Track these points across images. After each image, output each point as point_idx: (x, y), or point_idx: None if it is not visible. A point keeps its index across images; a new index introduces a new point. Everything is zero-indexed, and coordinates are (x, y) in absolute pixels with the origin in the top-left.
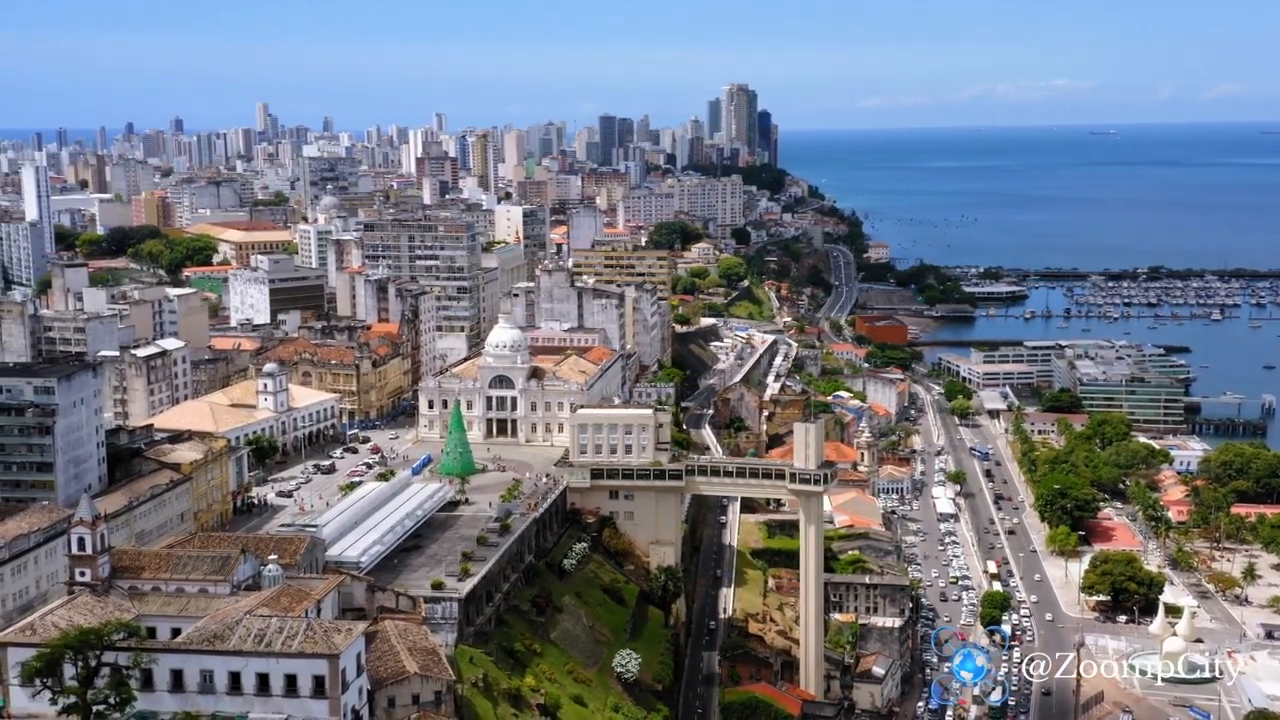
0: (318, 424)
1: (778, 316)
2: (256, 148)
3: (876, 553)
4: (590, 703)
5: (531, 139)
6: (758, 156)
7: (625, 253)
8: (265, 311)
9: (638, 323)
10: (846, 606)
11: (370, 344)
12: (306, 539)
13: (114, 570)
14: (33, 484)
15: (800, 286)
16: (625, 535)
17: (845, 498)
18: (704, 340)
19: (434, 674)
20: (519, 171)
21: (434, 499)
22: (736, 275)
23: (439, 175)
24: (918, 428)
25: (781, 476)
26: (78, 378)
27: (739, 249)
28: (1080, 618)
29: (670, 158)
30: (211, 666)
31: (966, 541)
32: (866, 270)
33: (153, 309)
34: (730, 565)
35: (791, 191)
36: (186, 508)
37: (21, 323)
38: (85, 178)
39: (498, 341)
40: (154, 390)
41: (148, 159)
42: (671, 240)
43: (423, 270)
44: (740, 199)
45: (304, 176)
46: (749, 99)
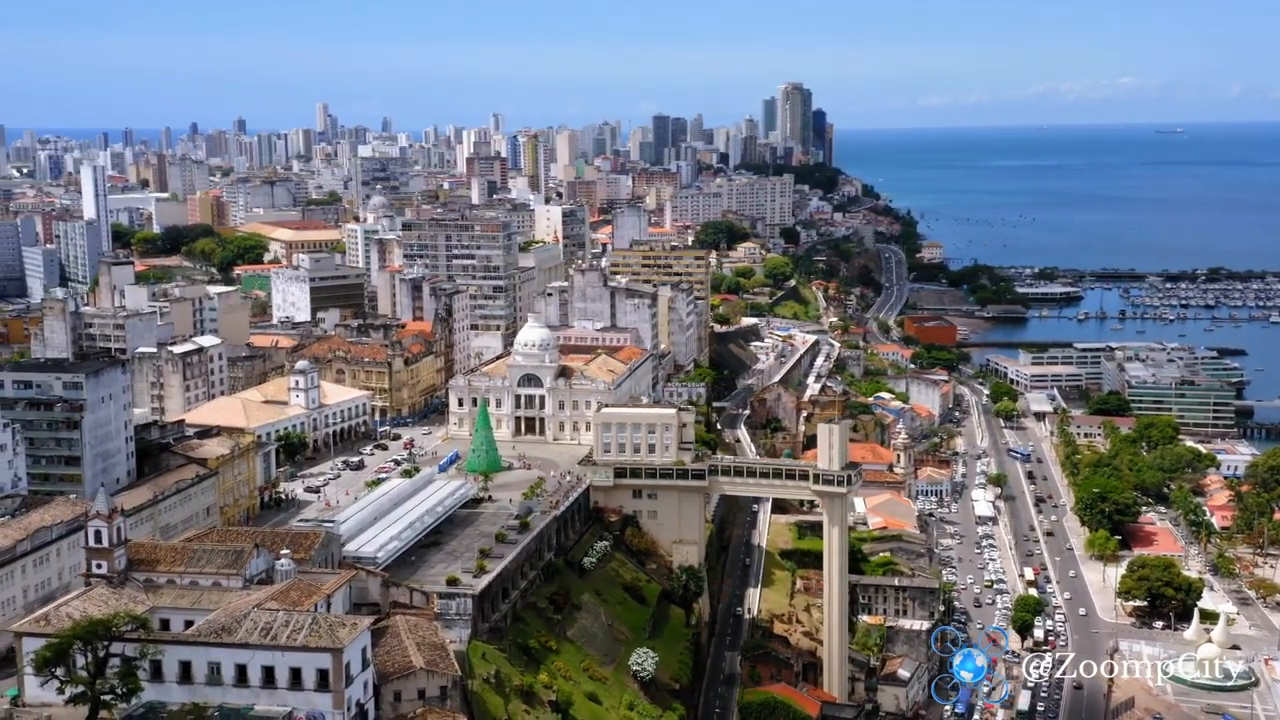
0: (349, 421)
1: (824, 316)
2: (315, 148)
3: (908, 555)
4: (605, 700)
5: (585, 139)
6: (811, 156)
7: (663, 252)
8: (306, 309)
9: (673, 322)
10: (875, 609)
11: (403, 342)
12: (321, 534)
13: (131, 563)
14: (61, 477)
15: (849, 286)
16: (648, 534)
17: (880, 499)
18: (744, 340)
19: (440, 669)
20: (569, 171)
21: (455, 496)
22: (782, 275)
23: (488, 175)
24: (960, 430)
25: (805, 477)
26: (106, 374)
27: (787, 248)
28: (1115, 623)
29: (723, 157)
30: (218, 659)
31: (1004, 545)
32: (918, 270)
33: (193, 307)
34: (758, 565)
35: (845, 191)
36: (212, 502)
37: (63, 320)
38: (146, 177)
39: (526, 341)
40: (190, 386)
41: (209, 159)
42: (717, 240)
43: (459, 269)
44: (790, 198)
45: (356, 176)
46: (804, 98)
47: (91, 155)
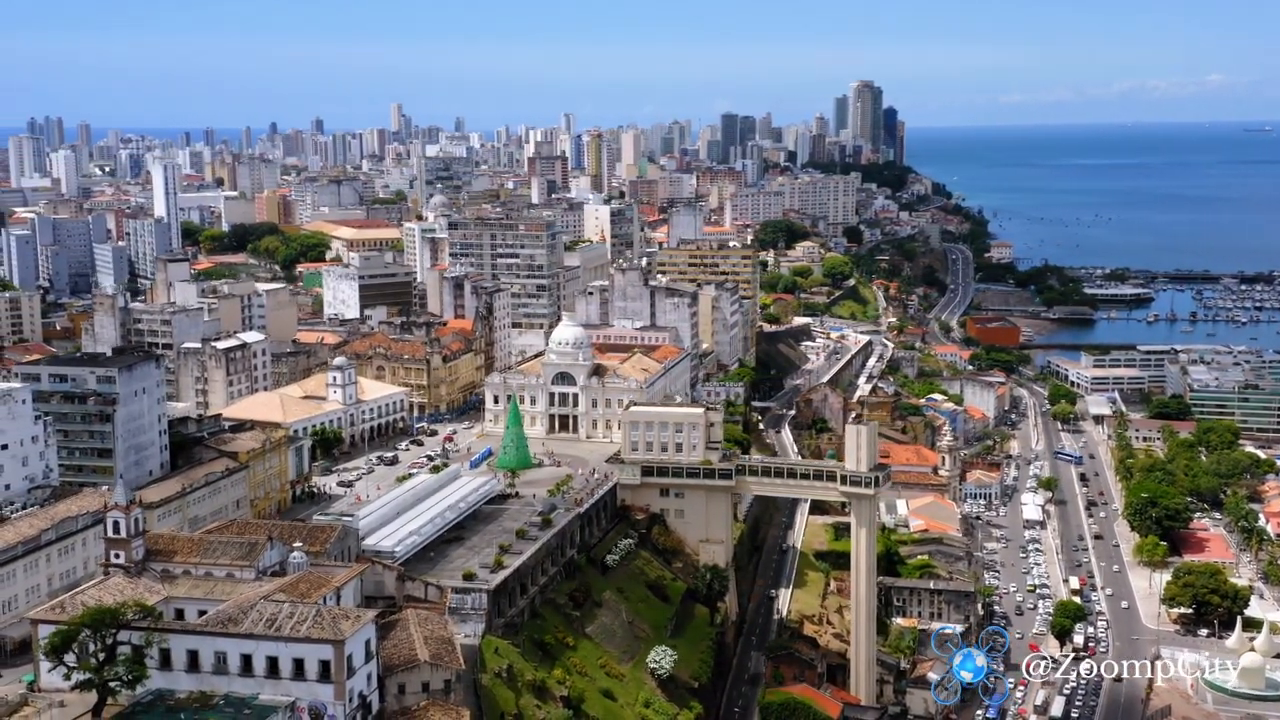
0: (386, 417)
1: (883, 317)
2: (388, 148)
3: (947, 558)
4: (621, 697)
5: (654, 138)
6: (882, 154)
7: (710, 251)
8: (355, 307)
9: (716, 321)
10: (910, 611)
11: (442, 339)
12: (338, 528)
13: (149, 553)
14: (94, 469)
15: (912, 286)
16: (675, 533)
17: (923, 502)
18: (794, 340)
19: (445, 662)
20: (632, 170)
21: (479, 492)
22: (841, 274)
23: (548, 175)
24: (1014, 432)
25: (833, 478)
26: (139, 368)
27: (849, 248)
28: (1158, 629)
29: (791, 155)
30: (225, 649)
31: (1050, 550)
32: (985, 270)
33: (242, 303)
34: (791, 566)
35: (914, 189)
36: (243, 495)
37: (112, 315)
38: (221, 176)
39: (560, 339)
40: (233, 381)
41: (286, 158)
42: (775, 239)
43: (504, 268)
44: (853, 197)
45: (420, 176)
46: (874, 96)
47: (171, 154)
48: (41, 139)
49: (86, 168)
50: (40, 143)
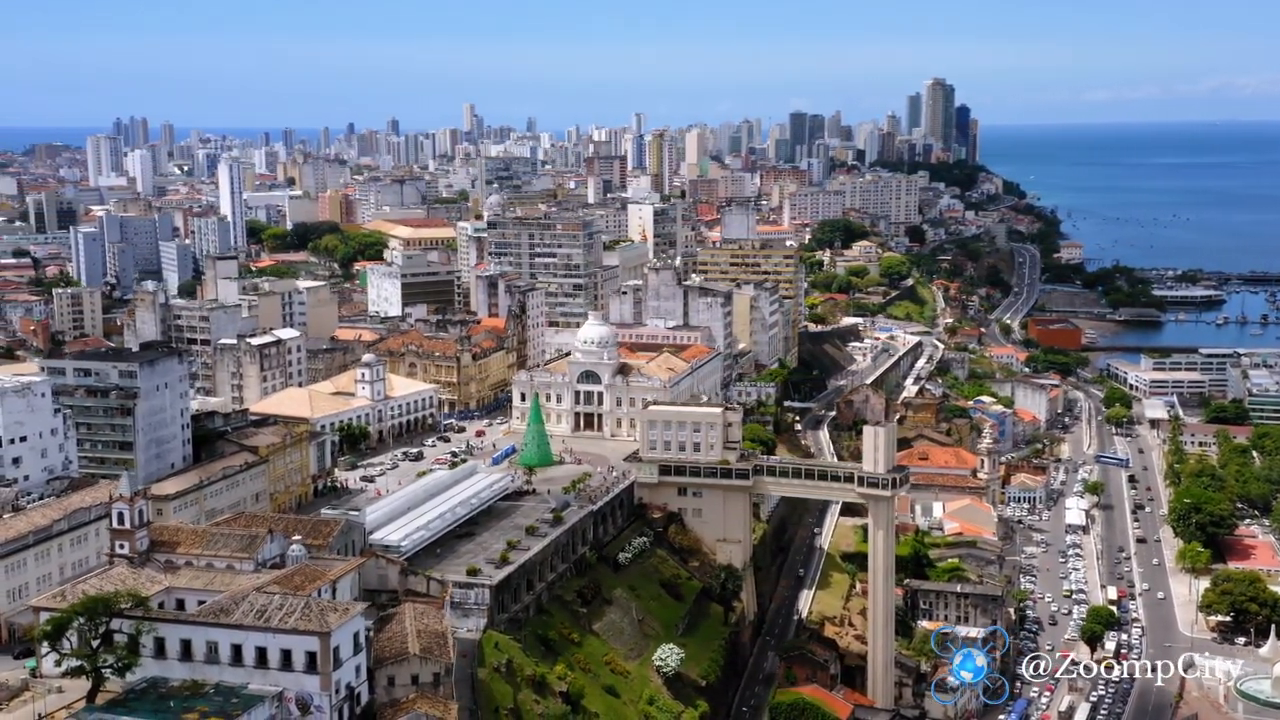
0: (414, 413)
1: (940, 317)
2: (457, 147)
3: (978, 562)
4: (624, 694)
5: (723, 137)
6: (953, 153)
7: (752, 251)
8: (397, 304)
9: (755, 321)
10: (936, 614)
11: (473, 337)
12: (341, 522)
13: (153, 544)
14: (116, 461)
15: (975, 287)
16: (692, 532)
17: (959, 505)
18: (841, 340)
19: (435, 656)
20: (693, 170)
21: (493, 489)
22: (899, 274)
23: (604, 175)
24: (1064, 436)
25: (850, 479)
26: (161, 363)
27: (911, 247)
28: (1192, 637)
29: (859, 154)
30: (216, 638)
31: (1091, 555)
32: (1052, 271)
33: (282, 300)
34: (816, 567)
35: (984, 188)
36: (262, 488)
37: (152, 311)
38: (293, 176)
39: (586, 338)
40: (267, 376)
41: (360, 158)
42: (832, 238)
43: (541, 267)
44: (916, 196)
45: (480, 176)
46: (946, 94)
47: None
48: (119, 139)
49: (165, 167)
50: (118, 143)
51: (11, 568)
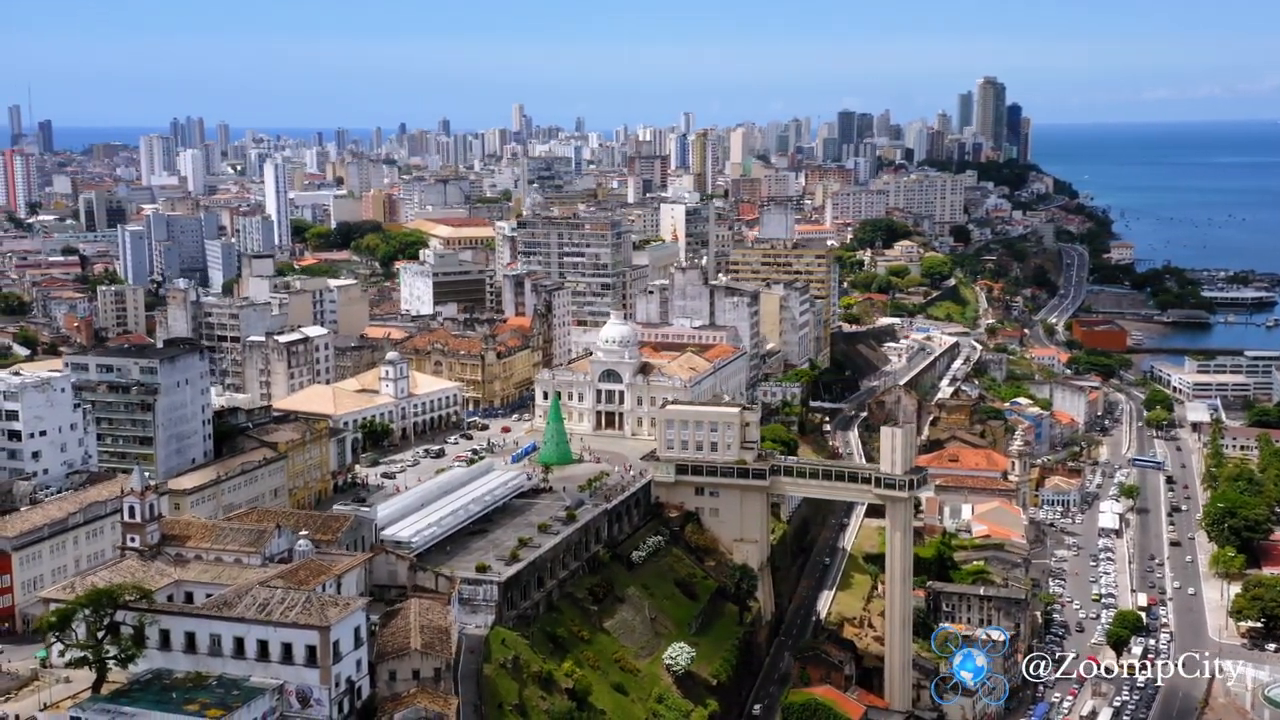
0: (438, 411)
1: (982, 318)
2: (505, 147)
3: (1004, 565)
4: (633, 692)
5: (770, 136)
6: (1004, 152)
7: (784, 250)
8: (429, 303)
9: (785, 321)
10: (959, 617)
11: (498, 336)
12: (351, 518)
13: (164, 538)
14: (136, 456)
15: (1020, 287)
16: (709, 531)
17: (988, 507)
18: (876, 341)
19: (436, 651)
20: (736, 169)
21: (507, 486)
22: (940, 274)
23: (645, 175)
24: (1101, 439)
25: (867, 480)
26: (182, 360)
27: (955, 247)
28: (1221, 643)
29: (908, 153)
30: (219, 631)
31: (1123, 559)
32: (1101, 271)
33: (313, 298)
34: (838, 568)
35: (1034, 188)
36: (280, 484)
37: (184, 308)
38: (342, 175)
39: (607, 337)
40: (294, 374)
41: (410, 158)
42: (873, 238)
43: (570, 267)
44: (961, 195)
45: (523, 176)
46: (997, 92)
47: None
48: (172, 139)
49: (219, 167)
50: (170, 142)
51: (26, 560)
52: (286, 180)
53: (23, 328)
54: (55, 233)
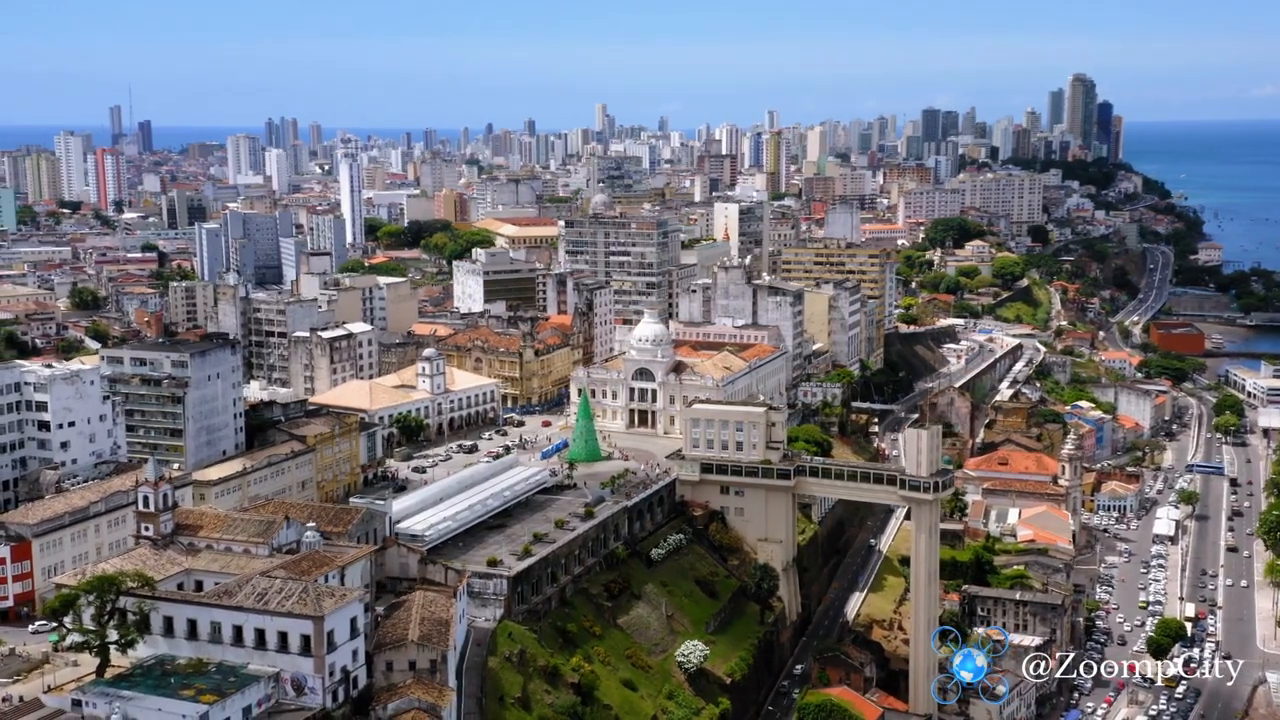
0: (474, 407)
1: (1054, 320)
2: (585, 147)
3: (1045, 570)
4: (643, 688)
5: (853, 134)
6: (1094, 150)
7: (837, 250)
8: (479, 301)
9: (834, 321)
10: (994, 621)
11: (538, 334)
12: (362, 511)
13: (178, 528)
14: (167, 447)
15: (1098, 288)
16: (734, 530)
17: (1035, 511)
18: (935, 341)
19: (433, 643)
20: (810, 168)
21: (529, 482)
22: (1012, 275)
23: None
24: (1166, 444)
25: (893, 482)
26: (213, 355)
27: (1032, 247)
28: (1268, 653)
29: (993, 151)
30: (220, 619)
31: (1174, 567)
32: (1185, 273)
33: (362, 296)
34: (872, 570)
35: (1121, 187)
36: (309, 477)
37: (233, 304)
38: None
39: (641, 336)
40: (336, 369)
41: (494, 158)
42: (944, 237)
43: (616, 266)
44: (1040, 194)
45: (592, 175)
46: (1086, 90)
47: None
48: (257, 140)
49: (306, 166)
50: (255, 143)
51: (47, 546)
52: (362, 180)
53: (95, 321)
54: (138, 230)
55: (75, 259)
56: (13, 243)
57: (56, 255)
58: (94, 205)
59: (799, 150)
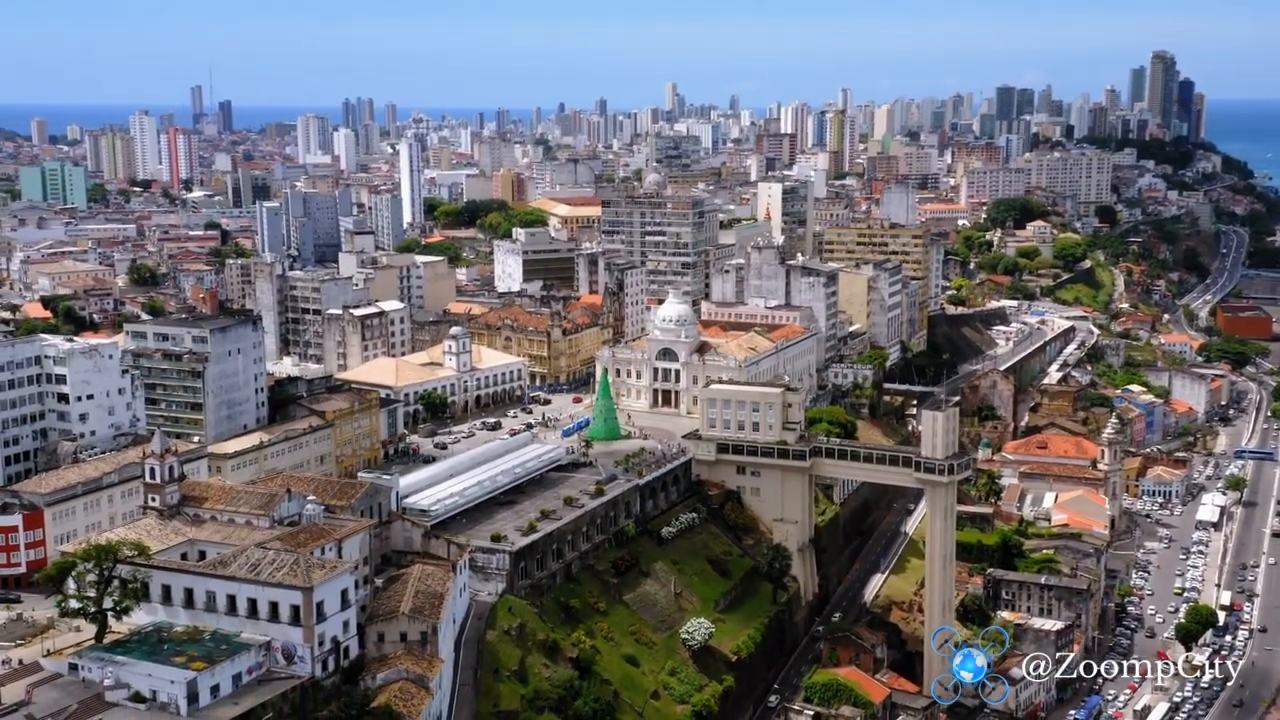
0: (500, 385)
1: (1116, 302)
2: (654, 126)
3: (1075, 554)
4: (645, 664)
5: (925, 112)
6: (1173, 129)
7: (881, 230)
8: (518, 280)
9: (873, 302)
10: (1018, 605)
11: (566, 313)
12: (366, 485)
13: (184, 499)
14: (188, 421)
15: (1166, 270)
16: (749, 510)
17: (1071, 496)
18: (984, 323)
19: (424, 615)
20: (875, 147)
21: (541, 460)
22: (1073, 256)
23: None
24: (1220, 429)
25: (907, 464)
26: (234, 330)
27: (1099, 228)
28: None
29: (1068, 130)
30: (215, 588)
31: (1215, 554)
32: (1260, 255)
33: (399, 274)
34: (895, 552)
35: (1199, 167)
36: (327, 451)
37: (270, 281)
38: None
39: (665, 316)
40: (368, 345)
41: (563, 137)
42: (1005, 217)
43: (651, 246)
44: (1109, 174)
45: (650, 155)
46: (1166, 67)
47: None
48: (327, 119)
49: (378, 146)
50: (325, 122)
51: (59, 515)
52: (423, 160)
53: (152, 298)
54: (203, 208)
55: (140, 236)
56: (80, 220)
57: (121, 233)
58: (164, 184)
59: (868, 129)
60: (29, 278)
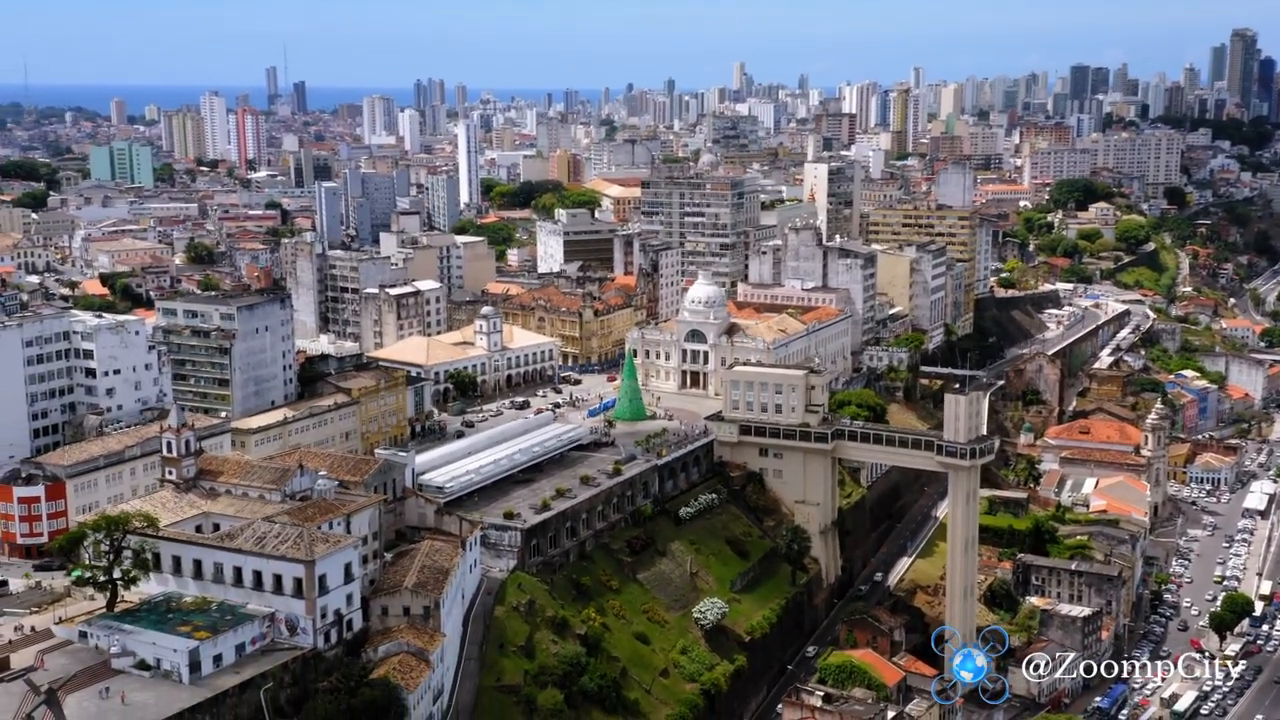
0: (531, 365)
1: (1179, 285)
2: (718, 106)
3: (1110, 540)
4: (656, 642)
5: (997, 92)
6: (1253, 109)
7: (927, 212)
8: (559, 261)
9: (916, 285)
10: (1048, 591)
11: (600, 294)
12: (379, 462)
13: (201, 473)
14: (216, 397)
15: (1235, 253)
16: (771, 492)
17: (1112, 481)
18: (1035, 306)
19: (427, 590)
20: (938, 126)
21: (561, 439)
22: (1136, 239)
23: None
24: (1276, 416)
25: (930, 447)
26: (261, 308)
27: (1167, 210)
28: None
29: (1144, 110)
30: (222, 560)
31: (1260, 542)
32: None
33: (439, 254)
34: (924, 536)
35: (1277, 148)
36: (353, 428)
37: (310, 260)
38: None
39: (694, 297)
40: (404, 325)
41: (629, 118)
42: (1068, 199)
43: (690, 226)
44: (1178, 155)
45: (708, 135)
46: (1246, 45)
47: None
48: (392, 100)
49: (444, 127)
50: (391, 103)
51: (81, 487)
52: (480, 141)
53: (208, 275)
54: (266, 188)
55: (202, 216)
56: (145, 199)
57: (183, 212)
58: (231, 164)
59: (936, 109)
60: (89, 255)
